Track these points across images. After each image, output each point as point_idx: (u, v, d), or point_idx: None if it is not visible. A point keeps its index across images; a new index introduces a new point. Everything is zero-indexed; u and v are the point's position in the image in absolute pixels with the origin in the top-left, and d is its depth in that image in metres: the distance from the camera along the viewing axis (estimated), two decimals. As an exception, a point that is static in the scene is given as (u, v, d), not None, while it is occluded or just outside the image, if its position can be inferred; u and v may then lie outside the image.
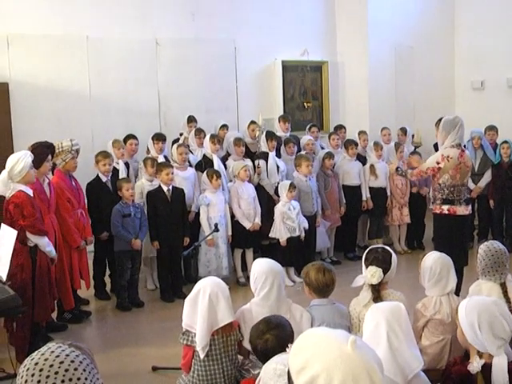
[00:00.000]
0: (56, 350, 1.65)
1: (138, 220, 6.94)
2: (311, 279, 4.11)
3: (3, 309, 4.37)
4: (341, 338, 1.69)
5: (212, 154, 7.83)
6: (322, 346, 1.68)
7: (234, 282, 7.50)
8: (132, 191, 6.92)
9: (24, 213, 5.25)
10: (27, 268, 5.33)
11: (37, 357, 1.64)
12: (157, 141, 7.91)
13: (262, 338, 3.34)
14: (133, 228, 6.88)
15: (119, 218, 6.82)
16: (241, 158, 7.93)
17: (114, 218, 6.82)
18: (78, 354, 1.67)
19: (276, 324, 3.41)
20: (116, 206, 6.84)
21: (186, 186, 7.45)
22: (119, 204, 6.86)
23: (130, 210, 6.88)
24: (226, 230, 7.44)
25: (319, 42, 10.97)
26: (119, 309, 6.89)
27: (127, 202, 6.88)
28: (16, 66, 8.54)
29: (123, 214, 6.83)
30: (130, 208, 6.89)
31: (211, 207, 7.33)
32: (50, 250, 5.57)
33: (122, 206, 6.86)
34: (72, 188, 6.48)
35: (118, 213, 6.83)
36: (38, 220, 5.40)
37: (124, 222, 6.82)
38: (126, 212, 6.85)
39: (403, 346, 2.97)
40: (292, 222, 7.55)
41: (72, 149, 6.43)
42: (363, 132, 9.31)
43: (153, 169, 7.33)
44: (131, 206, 6.91)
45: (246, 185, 7.65)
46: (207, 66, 9.89)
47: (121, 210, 6.84)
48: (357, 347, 1.65)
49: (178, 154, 7.55)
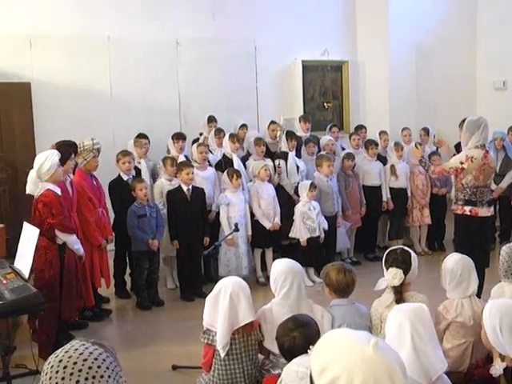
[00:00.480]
0: (80, 347, 1.66)
1: (154, 220, 6.93)
2: (331, 280, 4.10)
3: (26, 306, 4.40)
4: (362, 339, 1.68)
5: (232, 153, 7.85)
6: (344, 348, 1.67)
7: (254, 281, 7.48)
8: (146, 191, 6.88)
9: (53, 211, 5.29)
10: (55, 265, 5.37)
11: (61, 354, 1.65)
12: (177, 140, 7.93)
13: (290, 335, 3.35)
14: (149, 228, 6.86)
15: (135, 218, 6.80)
16: (261, 157, 7.92)
17: (130, 218, 6.81)
18: (102, 351, 1.68)
19: (303, 322, 3.42)
20: (131, 207, 6.83)
21: (206, 185, 7.45)
22: (134, 205, 6.85)
23: (146, 210, 6.86)
24: (245, 230, 7.43)
25: (339, 41, 10.95)
26: (139, 307, 6.91)
27: (142, 202, 6.85)
28: (38, 66, 8.64)
29: (139, 215, 6.81)
30: (145, 208, 6.87)
31: (231, 207, 7.33)
32: (78, 248, 5.62)
33: (137, 206, 6.84)
34: (93, 187, 6.52)
35: (133, 213, 6.81)
36: (67, 218, 5.45)
37: (140, 223, 6.81)
38: (141, 212, 6.83)
39: (427, 347, 2.95)
40: (312, 222, 7.53)
41: (93, 148, 6.47)
42: (384, 132, 9.26)
43: (172, 168, 7.34)
44: (146, 205, 6.88)
45: (266, 185, 7.64)
46: (227, 65, 9.92)
47: (136, 210, 6.82)
48: (378, 349, 1.63)
49: (198, 153, 7.57)
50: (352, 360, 1.62)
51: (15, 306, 4.31)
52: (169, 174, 7.40)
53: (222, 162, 7.86)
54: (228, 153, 7.90)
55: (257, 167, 7.58)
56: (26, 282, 4.64)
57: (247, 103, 10.14)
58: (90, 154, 6.44)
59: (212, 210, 7.55)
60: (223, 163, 7.83)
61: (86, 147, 6.41)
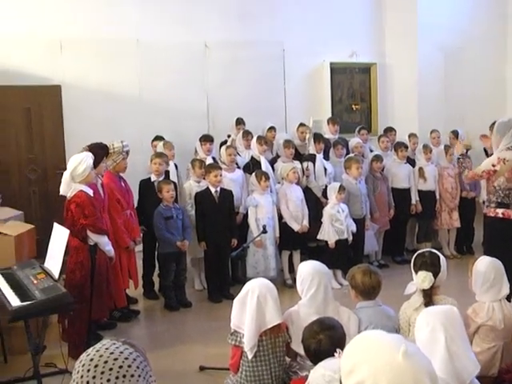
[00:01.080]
0: (110, 347, 1.67)
1: (180, 222, 6.93)
2: (357, 282, 4.09)
3: (55, 306, 4.44)
4: (394, 344, 1.66)
5: (259, 155, 7.86)
6: (373, 352, 1.66)
7: (281, 283, 7.46)
8: (172, 193, 6.88)
9: (85, 212, 5.34)
10: (86, 266, 5.41)
11: (92, 353, 1.66)
12: (204, 142, 7.96)
13: (316, 338, 3.35)
14: (176, 230, 6.87)
15: (162, 220, 6.81)
16: (290, 160, 7.91)
17: (157, 220, 6.81)
18: (132, 351, 1.68)
19: (329, 325, 3.41)
20: (158, 209, 6.83)
21: (234, 187, 7.46)
22: (160, 206, 6.85)
23: (172, 212, 6.85)
24: (273, 232, 7.42)
25: (368, 43, 10.90)
26: (167, 308, 6.92)
27: (168, 204, 6.86)
28: (68, 69, 8.77)
29: (165, 217, 6.82)
30: (172, 210, 6.86)
31: (259, 209, 7.32)
32: (109, 249, 5.67)
33: (164, 208, 6.84)
34: (121, 189, 6.55)
35: (160, 215, 6.81)
36: (99, 219, 5.50)
37: (167, 224, 6.82)
38: (167, 214, 6.82)
39: (460, 349, 2.93)
40: (340, 225, 7.50)
41: (123, 150, 6.50)
42: (413, 134, 9.20)
43: (201, 170, 7.36)
44: (172, 208, 6.89)
45: (294, 187, 7.63)
46: (255, 67, 9.94)
47: (162, 212, 6.82)
48: (408, 356, 1.61)
49: (226, 155, 7.59)
50: (380, 365, 1.61)
51: (45, 306, 4.35)
52: (197, 175, 7.43)
53: (250, 164, 7.87)
54: (256, 155, 7.92)
55: (285, 169, 7.58)
56: (56, 282, 4.68)
57: (275, 105, 10.14)
58: (120, 156, 6.47)
59: (240, 212, 7.56)
60: (251, 165, 7.84)
61: (116, 149, 6.43)
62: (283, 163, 7.82)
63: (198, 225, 7.14)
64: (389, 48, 11.03)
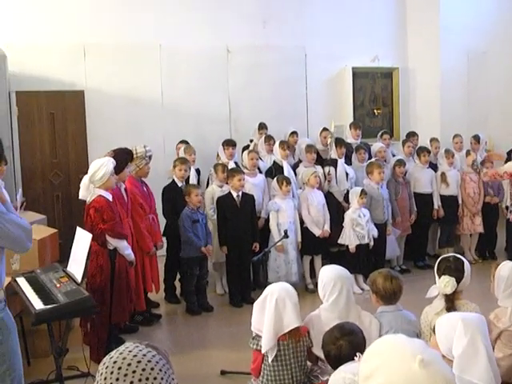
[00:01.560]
0: (134, 349, 1.69)
1: (204, 227, 6.99)
2: (378, 286, 4.07)
3: (78, 309, 4.46)
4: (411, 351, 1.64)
5: (282, 160, 7.87)
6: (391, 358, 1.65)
7: (303, 288, 7.46)
8: (200, 197, 6.95)
9: (104, 217, 5.37)
10: (106, 270, 5.44)
11: (115, 355, 1.68)
12: (227, 146, 8.00)
13: (336, 343, 3.34)
14: (202, 234, 6.91)
15: (190, 223, 6.84)
16: (311, 164, 7.92)
17: (185, 223, 6.84)
18: (155, 354, 1.69)
19: (349, 330, 3.41)
20: (185, 212, 6.86)
21: (256, 192, 7.49)
22: (187, 210, 6.88)
23: (198, 217, 6.91)
24: (295, 237, 7.42)
25: (390, 48, 10.88)
26: (189, 313, 6.93)
27: (193, 208, 6.90)
28: (91, 74, 8.88)
29: (193, 220, 6.86)
30: (198, 214, 6.92)
31: (281, 213, 7.33)
32: (128, 254, 5.67)
33: (191, 211, 6.88)
34: (144, 193, 6.58)
35: (188, 218, 6.84)
36: (118, 224, 5.51)
37: (194, 229, 6.85)
38: (194, 218, 6.87)
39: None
40: (361, 229, 7.49)
41: (146, 155, 6.50)
42: (435, 139, 9.16)
43: (223, 174, 7.40)
44: (198, 212, 6.95)
45: (316, 192, 7.62)
46: (277, 72, 9.97)
47: (190, 215, 6.86)
48: (425, 365, 1.59)
49: (249, 160, 7.63)
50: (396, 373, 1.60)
51: (68, 309, 4.36)
52: (220, 180, 7.46)
53: (272, 169, 7.88)
54: (278, 160, 7.93)
55: (307, 174, 7.58)
56: (79, 285, 4.71)
57: (297, 110, 10.19)
58: (143, 161, 6.47)
59: (261, 217, 7.58)
60: (273, 170, 7.85)
61: (139, 154, 6.43)
62: (305, 168, 7.84)
63: (220, 229, 7.17)
64: (411, 52, 11.00)
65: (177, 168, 7.21)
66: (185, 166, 7.20)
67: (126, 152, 6.10)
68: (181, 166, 7.20)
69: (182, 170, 7.18)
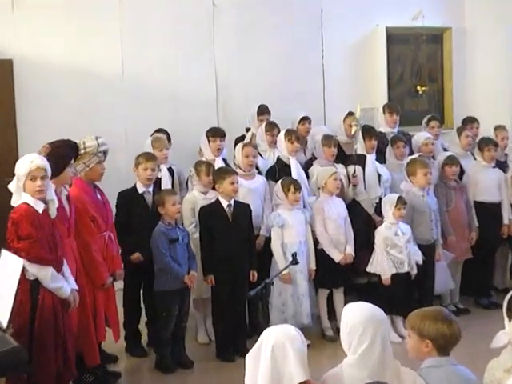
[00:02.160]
0: None
1: (186, 247, 6.98)
2: (427, 330, 4.02)
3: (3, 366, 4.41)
4: None
5: (289, 156, 7.86)
6: None
7: (318, 334, 7.49)
8: (179, 206, 6.95)
9: (19, 232, 5.26)
10: (24, 311, 5.29)
11: None
12: (213, 138, 8.00)
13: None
14: (183, 258, 6.89)
15: (166, 243, 6.81)
16: (330, 162, 7.94)
17: (160, 244, 6.80)
18: None
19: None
20: (159, 228, 6.84)
21: (253, 200, 7.51)
22: (161, 225, 6.87)
23: (177, 234, 6.89)
24: (307, 262, 7.41)
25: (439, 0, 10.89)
26: (160, 369, 6.89)
27: (171, 223, 6.90)
28: (23, 36, 8.80)
29: (170, 239, 6.83)
30: (177, 231, 6.91)
31: (287, 230, 7.32)
32: (58, 288, 5.43)
33: (167, 227, 6.86)
34: (97, 203, 6.53)
35: (164, 237, 6.81)
36: (39, 243, 5.33)
37: (172, 251, 6.83)
38: (172, 236, 6.84)
39: None
40: (399, 253, 7.46)
41: (98, 150, 6.42)
42: (501, 127, 9.14)
43: (208, 176, 7.38)
44: (177, 228, 6.94)
45: (336, 200, 7.63)
46: (282, 36, 10.03)
47: (166, 232, 6.84)
48: None
49: (243, 157, 7.63)
50: None
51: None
52: (203, 184, 7.45)
53: (276, 169, 7.88)
54: (284, 156, 7.93)
55: (323, 176, 7.57)
56: (4, 332, 4.65)
57: (310, 88, 10.20)
58: (94, 159, 6.40)
59: (261, 235, 7.58)
60: (276, 170, 7.85)
61: (89, 149, 6.35)
62: (321, 167, 7.85)
63: (205, 251, 7.15)
64: (469, 7, 11.03)
65: (140, 167, 7.17)
66: (151, 164, 7.16)
67: (68, 146, 6.05)
68: (146, 163, 7.15)
69: (147, 169, 7.13)
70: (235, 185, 7.12)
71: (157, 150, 7.75)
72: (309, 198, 7.77)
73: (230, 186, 7.09)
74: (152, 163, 7.18)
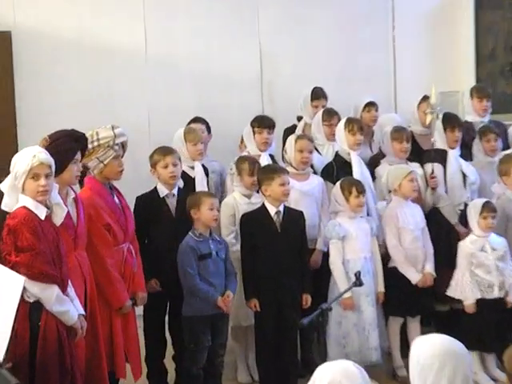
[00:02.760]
0: None
1: (222, 263, 6.95)
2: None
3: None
4: None
5: (350, 151, 7.86)
6: None
7: (389, 374, 7.49)
8: (217, 213, 6.93)
9: (18, 243, 5.25)
10: (22, 340, 5.26)
11: None
12: (259, 129, 8.04)
13: None
14: (217, 277, 6.86)
15: (194, 260, 6.79)
16: (403, 160, 7.95)
17: (186, 262, 6.77)
18: None
19: None
20: (187, 242, 6.80)
21: (308, 205, 7.55)
22: (190, 237, 6.84)
23: (210, 247, 6.85)
24: (374, 284, 7.41)
25: None
26: (189, 414, 6.94)
27: (203, 234, 6.86)
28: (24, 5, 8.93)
29: (200, 255, 6.80)
30: (209, 243, 6.87)
31: (349, 243, 7.30)
32: (64, 312, 5.39)
33: (197, 239, 6.83)
34: (114, 207, 6.53)
35: (192, 252, 6.77)
36: (42, 257, 5.31)
37: (202, 268, 6.81)
38: (203, 251, 6.80)
39: None
40: (487, 274, 7.40)
41: (115, 142, 6.43)
42: None
43: (252, 177, 7.39)
44: (210, 239, 6.90)
45: (411, 207, 7.65)
46: (342, 3, 9.98)
47: (195, 246, 6.80)
48: None
49: (295, 152, 7.62)
50: None
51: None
52: (246, 185, 7.47)
53: (334, 167, 7.90)
54: (343, 151, 7.93)
55: (396, 176, 7.56)
56: (0, 366, 4.66)
57: (377, 68, 10.28)
58: (110, 153, 6.38)
59: (317, 249, 7.61)
60: (335, 168, 7.87)
61: (103, 141, 6.34)
62: (391, 166, 7.87)
63: (247, 269, 7.15)
64: None
65: (159, 165, 7.16)
66: (171, 159, 7.14)
67: (71, 138, 5.95)
68: (164, 159, 7.14)
69: (167, 165, 7.12)
70: (286, 187, 7.08)
71: (190, 143, 7.77)
72: (378, 203, 7.83)
73: (280, 189, 7.05)
74: (171, 157, 7.16)
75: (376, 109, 8.95)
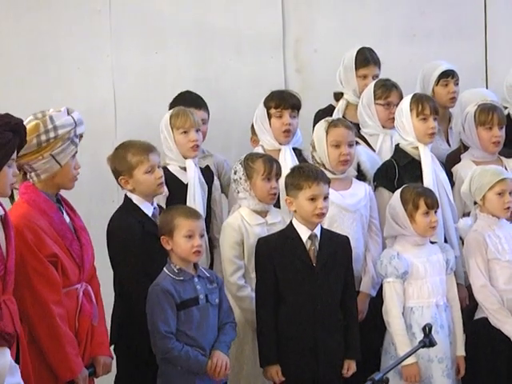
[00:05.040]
0: None
1: (214, 312, 6.96)
2: None
3: None
4: None
5: (418, 144, 8.01)
6: None
7: None
8: (198, 243, 6.85)
9: None
10: None
11: None
12: (277, 110, 8.20)
13: None
14: (206, 332, 6.89)
15: (169, 312, 6.78)
16: (494, 156, 8.24)
17: (156, 313, 6.76)
18: None
19: None
20: (158, 282, 6.89)
21: (349, 226, 7.71)
22: (165, 275, 6.92)
23: (196, 289, 6.92)
24: (451, 344, 7.44)
25: None
26: None
27: (184, 269, 6.90)
28: None
29: (180, 302, 6.84)
30: (195, 283, 6.93)
31: (414, 283, 7.38)
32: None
33: (174, 278, 6.88)
34: (65, 231, 6.48)
35: (166, 299, 6.78)
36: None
37: (183, 322, 6.82)
38: (185, 295, 6.86)
39: None
40: None
41: (76, 133, 6.47)
42: None
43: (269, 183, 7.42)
44: (196, 277, 6.97)
45: (508, 227, 7.69)
46: None
47: (172, 289, 6.84)
48: None
49: (327, 146, 7.74)
50: None
51: None
52: (260, 196, 7.49)
53: (394, 167, 8.06)
54: (407, 143, 8.11)
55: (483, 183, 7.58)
56: None
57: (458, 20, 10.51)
58: (70, 149, 6.37)
59: (361, 293, 7.75)
60: (395, 170, 8.03)
61: (62, 131, 6.30)
62: (476, 165, 8.01)
63: (265, 324, 7.14)
64: None
65: (139, 169, 7.23)
66: (153, 158, 7.25)
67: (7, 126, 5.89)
68: (149, 159, 7.23)
69: (153, 169, 7.22)
70: (320, 203, 7.04)
71: (178, 131, 7.91)
72: (459, 221, 7.82)
73: (308, 205, 7.04)
74: (155, 156, 7.29)
75: (456, 81, 9.03)
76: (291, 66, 9.98)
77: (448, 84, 8.91)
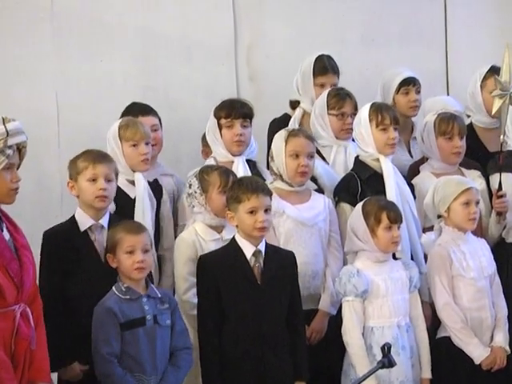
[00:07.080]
0: None
1: (165, 334, 6.90)
2: None
3: None
4: None
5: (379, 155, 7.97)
6: None
7: None
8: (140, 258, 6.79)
9: None
10: None
11: None
12: (227, 120, 8.18)
13: None
14: (153, 357, 6.81)
15: (112, 333, 6.71)
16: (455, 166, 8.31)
17: (99, 333, 6.74)
18: None
19: None
20: (104, 301, 6.82)
21: (307, 242, 7.68)
22: (112, 293, 6.86)
23: (144, 309, 6.84)
24: (412, 366, 7.35)
25: None
26: None
27: (132, 288, 6.85)
28: None
29: (125, 322, 6.77)
30: (142, 302, 6.85)
31: (374, 302, 7.30)
32: None
33: (121, 296, 6.83)
34: (2, 249, 6.30)
35: (109, 319, 6.74)
36: None
37: (127, 343, 6.77)
38: (130, 315, 6.79)
39: None
40: None
41: (7, 143, 6.27)
42: None
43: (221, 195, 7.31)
44: (145, 296, 6.89)
45: (473, 242, 7.69)
46: None
47: (117, 309, 6.77)
48: None
49: (286, 157, 7.71)
50: None
51: None
52: (215, 210, 7.47)
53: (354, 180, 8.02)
54: (367, 155, 8.09)
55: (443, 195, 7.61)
56: None
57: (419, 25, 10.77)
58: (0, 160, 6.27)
59: (320, 311, 7.71)
60: (357, 182, 7.98)
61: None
62: (436, 178, 8.07)
63: (208, 346, 7.03)
64: None
65: (81, 178, 7.21)
66: (104, 170, 7.18)
67: None
68: (94, 167, 7.16)
69: (96, 179, 7.15)
70: (260, 216, 6.93)
71: (128, 143, 7.81)
72: (423, 236, 7.80)
73: (248, 218, 6.94)
74: (104, 167, 7.17)
75: (417, 89, 9.10)
76: (244, 74, 10.09)
77: (409, 92, 9.00)
